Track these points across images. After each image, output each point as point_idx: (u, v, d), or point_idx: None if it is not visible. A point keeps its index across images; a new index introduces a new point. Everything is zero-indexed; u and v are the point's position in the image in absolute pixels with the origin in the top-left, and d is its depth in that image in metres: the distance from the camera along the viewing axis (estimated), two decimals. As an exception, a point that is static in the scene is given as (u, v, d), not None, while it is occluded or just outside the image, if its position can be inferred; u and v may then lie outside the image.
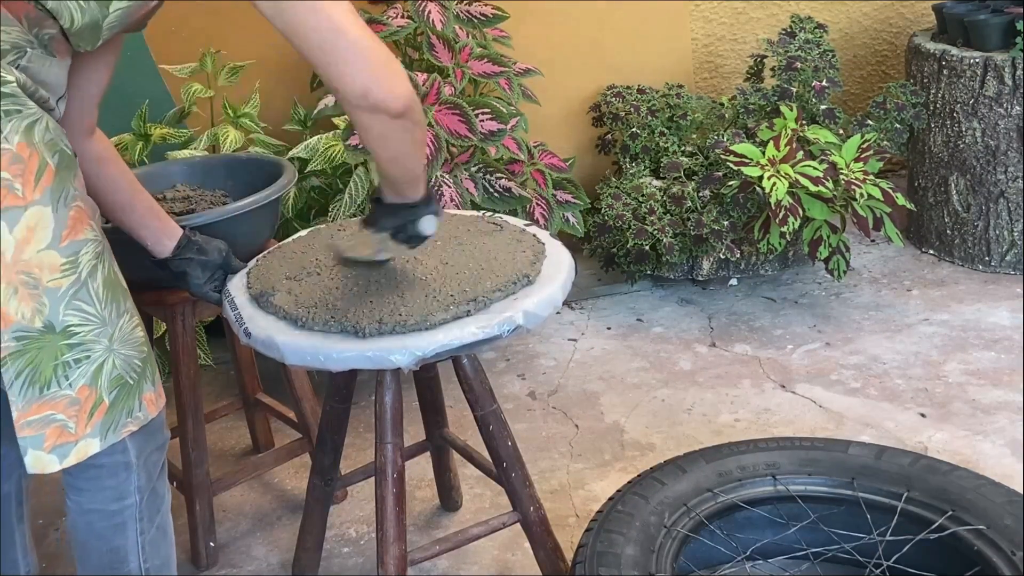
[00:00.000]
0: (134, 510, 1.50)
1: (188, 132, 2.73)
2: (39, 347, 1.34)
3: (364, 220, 1.63)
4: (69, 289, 1.35)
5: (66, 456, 1.39)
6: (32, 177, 1.30)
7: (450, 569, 2.06)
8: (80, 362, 1.37)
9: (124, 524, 1.50)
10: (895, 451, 1.85)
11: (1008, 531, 1.63)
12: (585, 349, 2.88)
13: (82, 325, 1.36)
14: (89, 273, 1.37)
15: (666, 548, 1.65)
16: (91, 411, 1.39)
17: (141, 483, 1.50)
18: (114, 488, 1.48)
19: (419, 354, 1.48)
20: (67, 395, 1.37)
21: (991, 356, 2.65)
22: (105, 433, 1.41)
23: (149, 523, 1.53)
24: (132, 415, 1.45)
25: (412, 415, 2.17)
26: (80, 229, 1.36)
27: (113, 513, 1.49)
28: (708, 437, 2.39)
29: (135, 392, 1.45)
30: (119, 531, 1.50)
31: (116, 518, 1.49)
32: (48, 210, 1.32)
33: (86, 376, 1.38)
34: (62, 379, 1.36)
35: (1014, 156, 3.01)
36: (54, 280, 1.33)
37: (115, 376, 1.41)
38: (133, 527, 1.51)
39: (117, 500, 1.48)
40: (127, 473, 1.47)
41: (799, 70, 3.05)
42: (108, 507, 1.48)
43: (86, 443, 1.40)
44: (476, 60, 2.73)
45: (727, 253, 2.93)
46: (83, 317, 1.36)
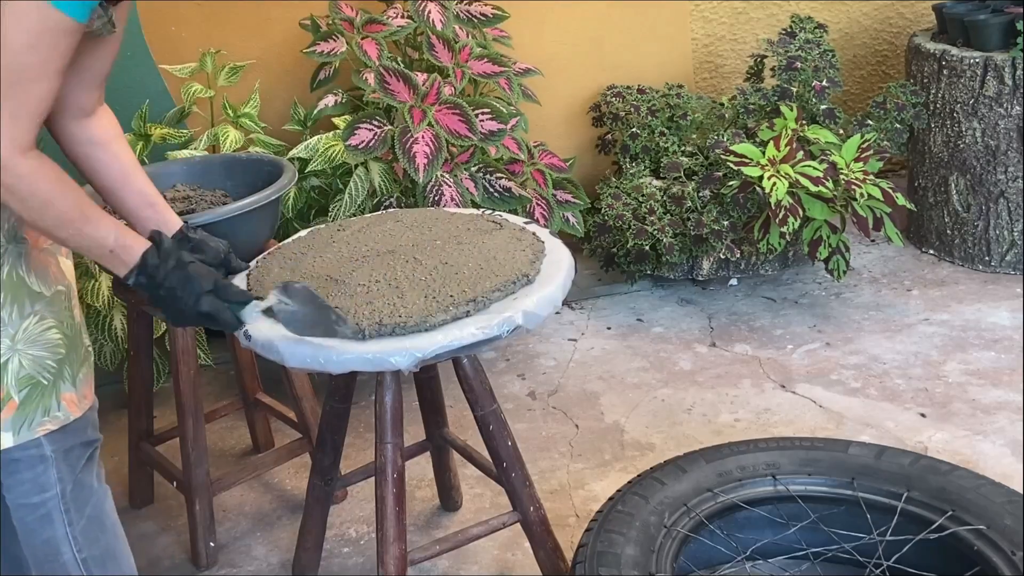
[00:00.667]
0: (57, 501, 1.52)
1: (188, 132, 2.73)
2: None
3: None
4: None
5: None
6: None
7: (450, 569, 2.06)
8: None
9: (49, 515, 1.52)
10: (895, 451, 1.85)
11: (1008, 531, 1.63)
12: (585, 349, 2.88)
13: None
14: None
15: (666, 548, 1.65)
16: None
17: (62, 475, 1.51)
18: (32, 480, 1.49)
19: (419, 355, 1.48)
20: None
21: (991, 356, 2.65)
22: (18, 429, 1.45)
23: (78, 514, 1.54)
24: (50, 414, 1.47)
25: (412, 415, 2.17)
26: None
27: (36, 505, 1.51)
28: (708, 437, 2.39)
29: (51, 392, 1.47)
30: (46, 523, 1.52)
31: (40, 510, 1.51)
32: None
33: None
34: None
35: (1014, 156, 3.01)
36: None
37: (24, 376, 1.44)
38: (60, 518, 1.52)
39: (38, 492, 1.50)
40: (43, 465, 1.49)
41: (799, 70, 3.05)
42: (30, 500, 1.50)
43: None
44: (476, 60, 2.73)
45: (727, 253, 2.93)
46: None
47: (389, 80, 2.52)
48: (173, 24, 2.95)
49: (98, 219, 1.44)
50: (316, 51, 2.71)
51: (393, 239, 1.79)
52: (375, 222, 1.89)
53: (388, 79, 2.52)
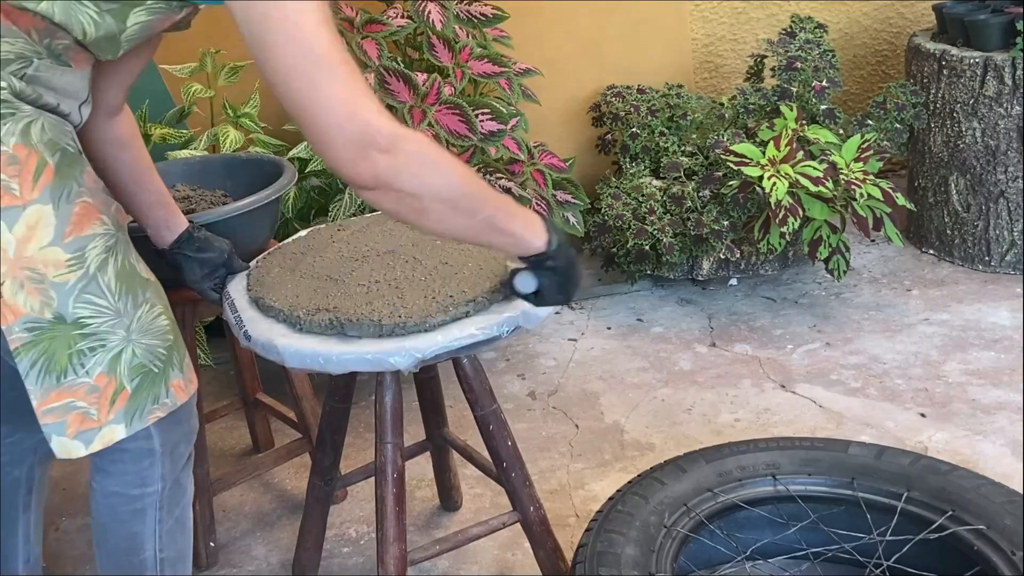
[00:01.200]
0: (155, 498, 1.52)
1: (188, 132, 2.73)
2: (51, 337, 1.35)
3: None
4: (77, 283, 1.36)
5: (91, 442, 1.41)
6: (30, 176, 1.32)
7: (450, 569, 2.06)
8: (95, 351, 1.38)
9: (144, 511, 1.51)
10: (895, 451, 1.85)
11: (1008, 531, 1.63)
12: (585, 349, 2.88)
13: (94, 317, 1.38)
14: (98, 267, 1.38)
15: (666, 548, 1.65)
16: (112, 398, 1.41)
17: (165, 471, 1.51)
18: (136, 474, 1.49)
19: (418, 356, 1.48)
20: (85, 382, 1.38)
21: (991, 356, 2.65)
22: (130, 419, 1.43)
23: (168, 513, 1.54)
24: (159, 401, 1.46)
25: (412, 415, 2.17)
26: (86, 225, 1.37)
27: (134, 498, 1.50)
28: (708, 437, 2.39)
29: (160, 379, 1.46)
30: (138, 517, 1.52)
31: (137, 503, 1.51)
32: (49, 208, 1.33)
33: (103, 364, 1.39)
34: (78, 367, 1.38)
35: (1014, 156, 3.01)
36: (60, 275, 1.35)
37: (136, 364, 1.43)
38: (153, 515, 1.52)
39: (139, 486, 1.50)
40: (151, 459, 1.49)
41: (799, 70, 3.05)
42: (130, 491, 1.50)
43: (111, 429, 1.41)
44: (476, 60, 2.73)
45: (727, 253, 2.93)
46: (95, 309, 1.38)
47: (389, 80, 2.52)
48: (173, 24, 2.95)
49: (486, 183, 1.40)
50: (316, 51, 2.70)
51: (393, 239, 1.80)
52: (375, 222, 1.89)
53: (388, 79, 2.52)
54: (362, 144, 1.24)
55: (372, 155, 1.24)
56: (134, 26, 1.39)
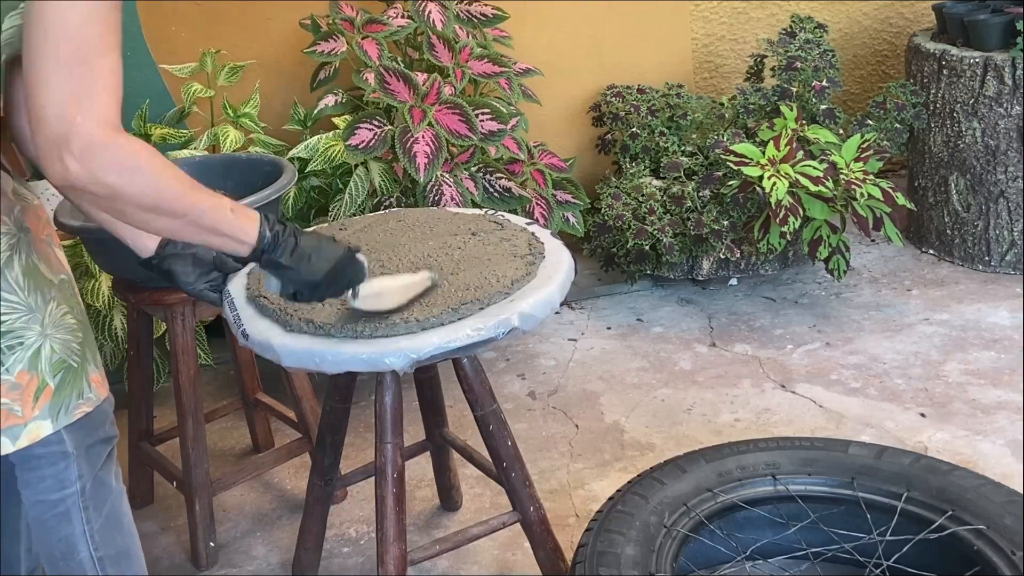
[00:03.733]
0: (76, 499, 1.52)
1: (188, 132, 2.73)
2: None
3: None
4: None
5: (17, 438, 1.42)
6: None
7: (450, 569, 2.06)
8: (14, 348, 1.40)
9: (68, 512, 1.52)
10: (895, 451, 1.85)
11: (1008, 531, 1.63)
12: (585, 349, 2.88)
13: (8, 314, 1.40)
14: (5, 264, 1.40)
15: (666, 548, 1.65)
16: (36, 394, 1.43)
17: (82, 471, 1.51)
18: (53, 477, 1.50)
19: (414, 356, 1.48)
20: (7, 380, 1.40)
21: (991, 356, 2.65)
22: (56, 415, 1.45)
23: (96, 512, 1.55)
24: (83, 396, 1.48)
25: (412, 415, 2.17)
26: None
27: (55, 502, 1.51)
28: (708, 437, 2.39)
29: (81, 374, 1.48)
30: (64, 520, 1.52)
31: (59, 507, 1.51)
32: None
33: (23, 361, 1.41)
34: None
35: (1014, 156, 3.01)
36: None
37: (56, 360, 1.45)
38: (78, 516, 1.53)
39: (58, 489, 1.50)
40: (65, 462, 1.50)
41: (799, 70, 3.05)
42: (50, 496, 1.51)
43: (37, 425, 1.43)
44: (476, 60, 2.73)
45: (727, 253, 2.93)
46: (8, 305, 1.40)
47: (389, 80, 2.52)
48: (173, 24, 2.95)
49: (200, 186, 1.37)
50: (316, 51, 2.71)
51: (393, 238, 1.79)
52: (377, 222, 1.89)
53: (388, 79, 2.52)
54: (57, 145, 1.21)
55: (65, 158, 1.22)
56: (10, 29, 1.37)
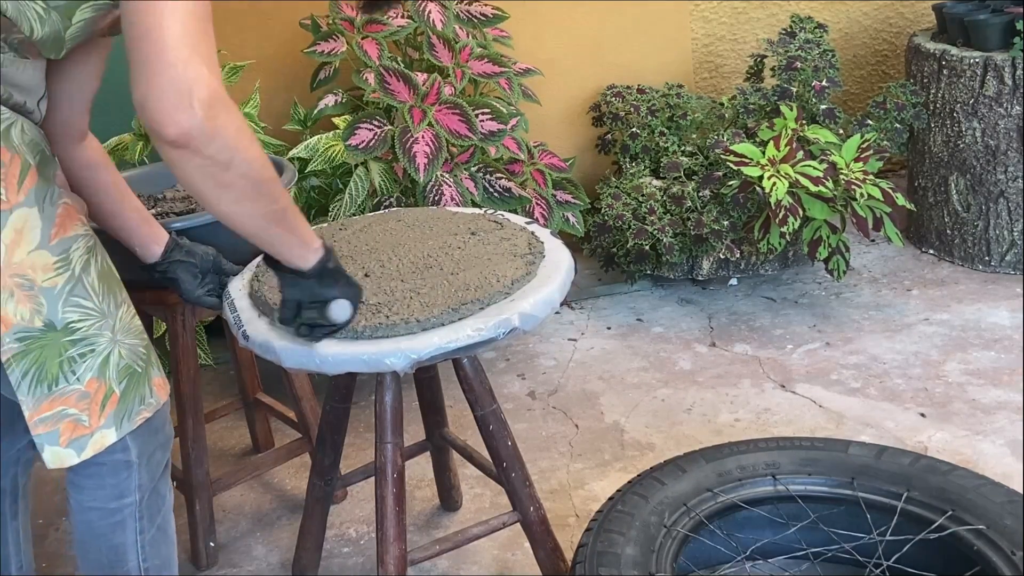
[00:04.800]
0: (134, 509, 1.50)
1: (188, 132, 2.73)
2: (42, 345, 1.35)
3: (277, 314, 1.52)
4: (64, 287, 1.36)
5: (83, 448, 1.40)
6: (15, 180, 1.31)
7: (450, 569, 2.06)
8: (85, 356, 1.38)
9: (123, 523, 1.50)
10: (895, 451, 1.85)
11: (1008, 531, 1.63)
12: (585, 349, 2.88)
13: (82, 320, 1.37)
14: (83, 269, 1.38)
15: (666, 548, 1.65)
16: (103, 403, 1.40)
17: (142, 482, 1.50)
18: (114, 486, 1.48)
19: (414, 356, 1.48)
20: (76, 389, 1.38)
21: (991, 356, 2.65)
22: (120, 422, 1.43)
23: (149, 523, 1.53)
24: (144, 402, 1.46)
25: (412, 415, 2.17)
26: (69, 226, 1.37)
27: (112, 511, 1.49)
28: (708, 437, 2.39)
29: (144, 379, 1.46)
30: (118, 529, 1.50)
31: (115, 516, 1.49)
32: (35, 211, 1.33)
33: (93, 369, 1.39)
34: (69, 374, 1.37)
35: (1014, 156, 3.01)
36: (48, 280, 1.34)
37: (123, 366, 1.43)
38: (132, 526, 1.51)
39: (117, 499, 1.49)
40: (127, 471, 1.48)
41: (799, 70, 3.05)
42: (108, 505, 1.49)
43: (102, 434, 1.41)
44: (476, 60, 2.73)
45: (727, 253, 2.93)
46: (83, 312, 1.37)
47: (389, 80, 2.52)
48: (173, 24, 2.94)
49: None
50: (316, 51, 2.71)
51: (394, 238, 1.80)
52: (377, 221, 1.89)
53: (388, 79, 2.52)
54: (183, 93, 1.16)
55: (194, 104, 1.16)
56: (79, 23, 1.37)
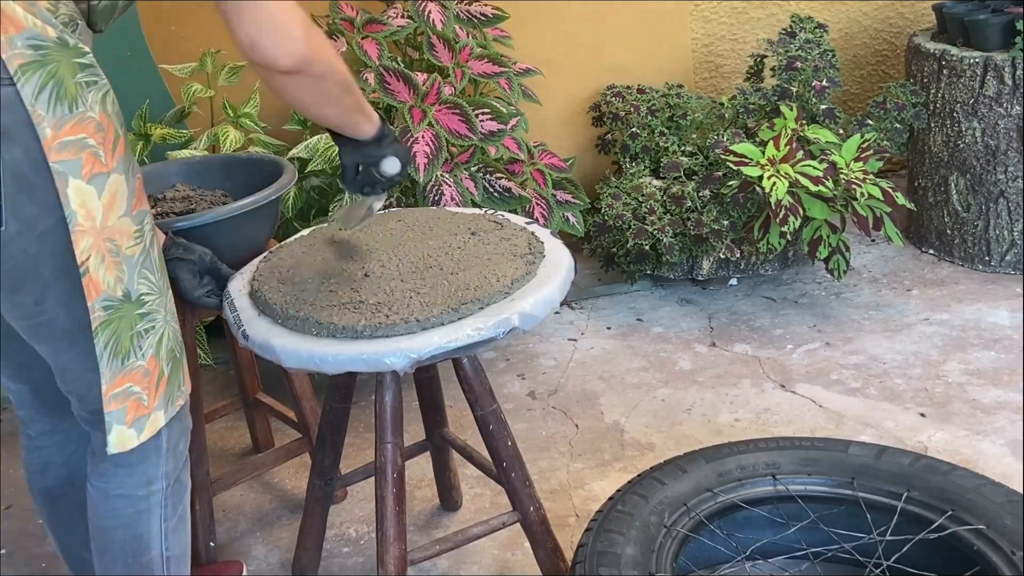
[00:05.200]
0: (160, 496, 1.50)
1: (188, 132, 2.73)
2: (120, 316, 1.36)
3: (339, 179, 1.67)
4: (140, 256, 1.38)
5: (142, 430, 1.41)
6: (110, 145, 1.33)
7: (450, 569, 2.06)
8: (149, 332, 1.39)
9: (149, 510, 1.50)
10: (895, 451, 1.85)
11: (1008, 531, 1.63)
12: (585, 349, 2.88)
13: (149, 294, 1.39)
14: (151, 242, 1.41)
15: (666, 548, 1.65)
16: (157, 383, 1.41)
17: (169, 469, 1.50)
18: (143, 472, 1.48)
19: (414, 356, 1.48)
20: (141, 366, 1.39)
21: (991, 356, 2.65)
22: (167, 406, 1.44)
23: (173, 511, 1.53)
24: (180, 388, 1.47)
25: (412, 415, 2.17)
26: (142, 199, 1.41)
27: (140, 499, 1.49)
28: (708, 437, 2.39)
29: (181, 364, 1.48)
30: (143, 517, 1.50)
31: (142, 504, 1.49)
32: (123, 178, 1.35)
33: (153, 347, 1.40)
34: (136, 349, 1.38)
35: (1014, 156, 3.01)
36: (129, 248, 1.36)
37: (170, 348, 1.44)
38: (158, 513, 1.51)
39: (146, 485, 1.49)
40: (157, 457, 1.48)
41: (799, 70, 3.05)
42: (136, 492, 1.48)
43: (156, 416, 1.42)
44: (476, 60, 2.73)
45: (727, 253, 2.93)
46: (149, 286, 1.39)
47: (389, 80, 2.52)
48: (173, 24, 2.95)
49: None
50: (316, 51, 2.70)
51: (394, 238, 1.80)
52: (377, 221, 1.89)
53: (388, 79, 2.52)
54: (287, 24, 1.34)
55: (298, 36, 1.35)
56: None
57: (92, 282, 1.32)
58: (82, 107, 1.29)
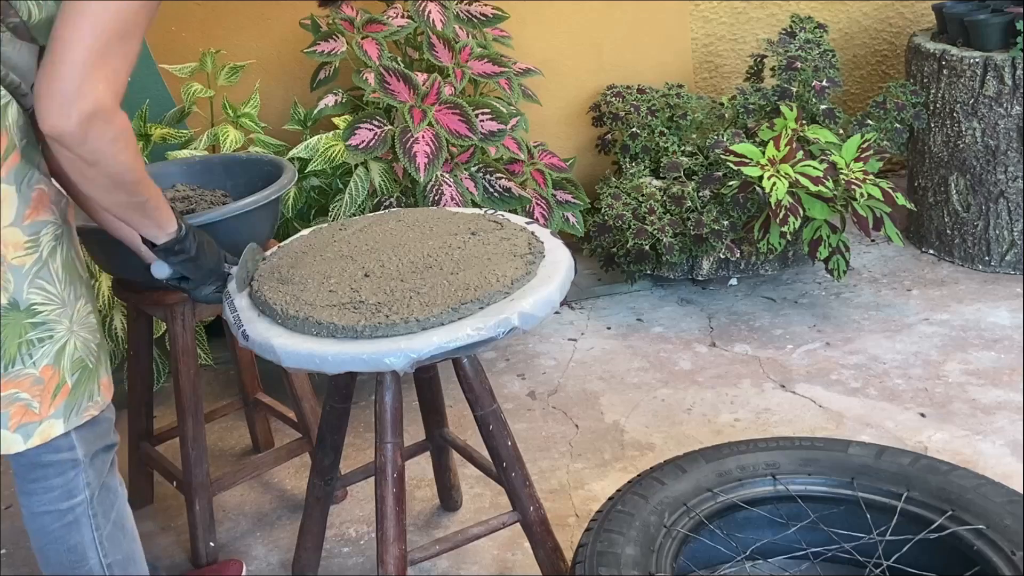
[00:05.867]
0: (86, 507, 1.51)
1: (188, 132, 2.73)
2: (5, 324, 1.37)
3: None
4: (32, 267, 1.38)
5: (30, 436, 1.41)
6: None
7: (450, 569, 2.06)
8: (44, 341, 1.40)
9: (77, 522, 1.51)
10: (895, 451, 1.85)
11: (1008, 531, 1.63)
12: (585, 349, 2.88)
13: (44, 304, 1.40)
14: (49, 253, 1.41)
15: (666, 548, 1.65)
16: (54, 392, 1.42)
17: (90, 479, 1.51)
18: (62, 487, 1.49)
19: (414, 356, 1.48)
20: (31, 374, 1.39)
21: (991, 356, 2.65)
22: (68, 415, 1.44)
23: (104, 519, 1.54)
24: (92, 399, 1.48)
25: (412, 415, 2.17)
26: (41, 210, 1.40)
27: (64, 512, 1.50)
28: (708, 437, 2.39)
29: (94, 376, 1.48)
30: (73, 529, 1.51)
31: (68, 516, 1.50)
32: (12, 188, 1.36)
33: (49, 356, 1.41)
34: (26, 357, 1.39)
35: (1014, 156, 3.01)
36: (17, 257, 1.37)
37: (77, 358, 1.44)
38: (87, 524, 1.52)
39: (67, 498, 1.49)
40: (75, 471, 1.49)
41: (799, 70, 3.05)
42: (58, 506, 1.49)
43: (49, 424, 1.42)
44: (476, 60, 2.73)
45: (727, 253, 2.93)
46: (45, 296, 1.40)
47: (389, 80, 2.52)
48: (173, 24, 2.95)
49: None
50: (316, 51, 2.71)
51: (394, 239, 1.80)
52: (376, 221, 1.89)
53: (388, 79, 2.52)
54: (68, 99, 1.25)
55: (72, 114, 1.25)
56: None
57: None
58: None
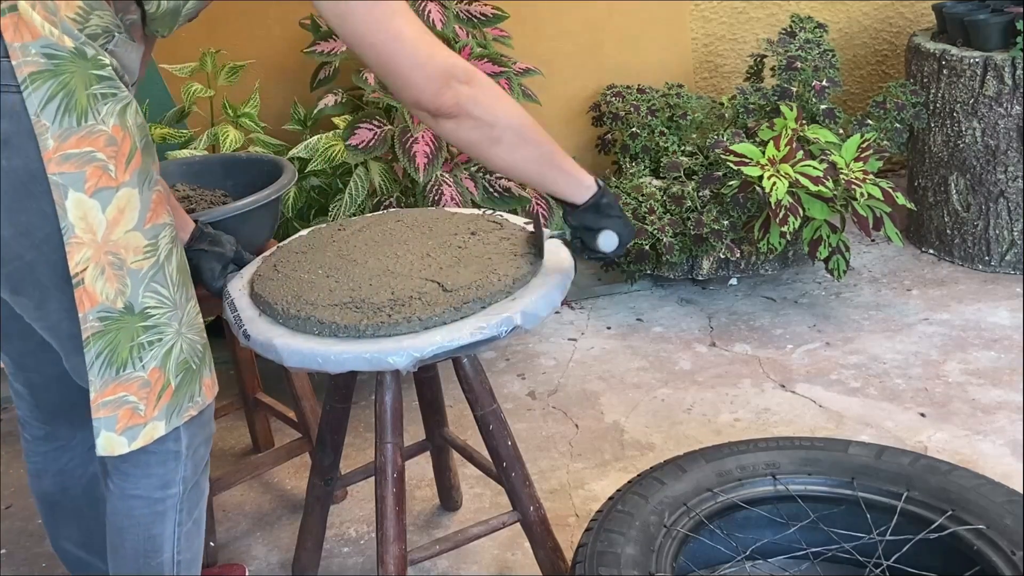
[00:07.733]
0: (176, 500, 1.51)
1: (188, 132, 2.73)
2: (118, 328, 1.36)
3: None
4: (149, 271, 1.38)
5: (135, 438, 1.41)
6: (124, 159, 1.33)
7: (450, 569, 2.06)
8: (153, 344, 1.40)
9: (164, 513, 1.51)
10: (895, 451, 1.85)
11: (1008, 531, 1.63)
12: (585, 349, 2.88)
13: (157, 308, 1.39)
14: (166, 257, 1.41)
15: (666, 548, 1.65)
16: (159, 394, 1.42)
17: (187, 474, 1.51)
18: (161, 476, 1.49)
19: (416, 355, 1.48)
20: (140, 376, 1.39)
21: (991, 356, 2.65)
22: (170, 416, 1.44)
23: (188, 515, 1.54)
24: (193, 400, 1.48)
25: (412, 415, 2.17)
26: (160, 213, 1.40)
27: (156, 501, 1.50)
28: (708, 437, 2.39)
29: (197, 377, 1.48)
30: (159, 519, 1.51)
31: (158, 506, 1.50)
32: (136, 192, 1.35)
33: (157, 359, 1.41)
34: (136, 360, 1.39)
35: (1014, 156, 3.01)
36: (136, 262, 1.36)
37: (182, 360, 1.44)
38: (173, 517, 1.52)
39: (162, 488, 1.50)
40: (176, 463, 1.49)
41: (799, 70, 3.05)
42: (152, 494, 1.49)
43: (153, 426, 1.42)
44: (476, 60, 2.73)
45: (727, 253, 2.93)
46: (159, 300, 1.40)
47: (389, 80, 2.52)
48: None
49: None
50: (316, 51, 2.71)
51: (393, 238, 1.80)
52: (376, 222, 1.89)
53: (388, 79, 2.52)
54: (444, 76, 1.40)
55: (454, 85, 1.40)
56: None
57: (87, 293, 1.33)
58: (92, 120, 1.29)
